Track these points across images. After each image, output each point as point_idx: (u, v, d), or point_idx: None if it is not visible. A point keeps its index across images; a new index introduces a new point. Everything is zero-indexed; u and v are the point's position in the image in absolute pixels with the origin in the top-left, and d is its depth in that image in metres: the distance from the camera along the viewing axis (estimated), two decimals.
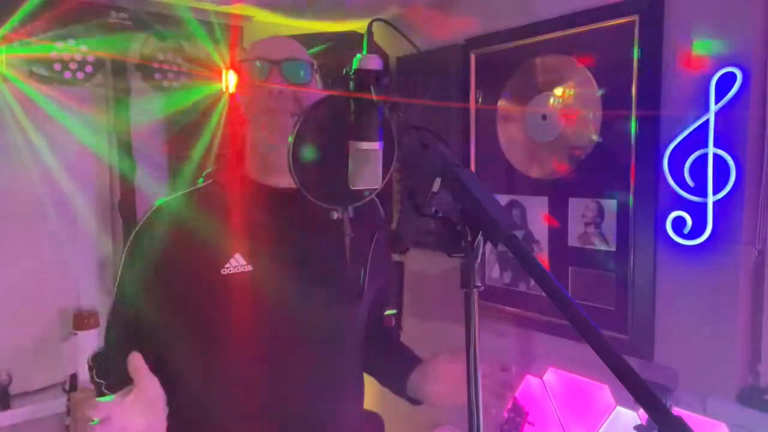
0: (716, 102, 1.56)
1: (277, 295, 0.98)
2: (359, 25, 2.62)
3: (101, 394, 0.99)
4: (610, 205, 1.85)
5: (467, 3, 2.31)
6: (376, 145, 0.77)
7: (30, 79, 2.06)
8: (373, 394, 2.38)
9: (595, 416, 1.88)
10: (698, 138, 1.61)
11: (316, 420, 1.05)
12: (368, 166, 0.77)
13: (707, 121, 1.59)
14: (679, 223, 1.67)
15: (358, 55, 0.77)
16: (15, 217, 2.13)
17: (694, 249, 1.65)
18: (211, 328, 0.97)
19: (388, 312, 1.34)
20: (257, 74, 0.98)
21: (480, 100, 2.26)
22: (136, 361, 0.82)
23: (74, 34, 2.07)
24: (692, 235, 1.64)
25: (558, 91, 1.98)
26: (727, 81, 1.55)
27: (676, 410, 1.66)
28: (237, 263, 0.96)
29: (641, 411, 1.65)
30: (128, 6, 2.18)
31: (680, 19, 1.66)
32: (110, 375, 0.99)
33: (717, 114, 1.57)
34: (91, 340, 2.13)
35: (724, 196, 1.57)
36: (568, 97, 1.95)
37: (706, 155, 1.59)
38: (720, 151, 1.57)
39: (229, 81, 2.35)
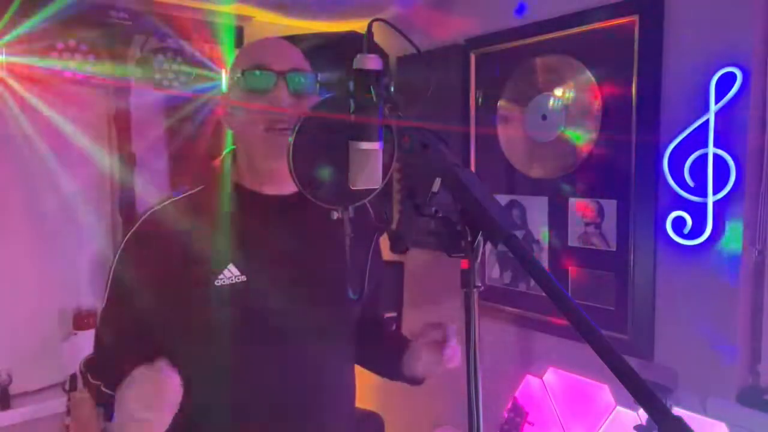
0: (716, 102, 1.56)
1: (273, 303, 0.98)
2: (359, 25, 2.62)
3: (100, 395, 0.99)
4: (610, 205, 1.85)
5: (467, 3, 2.31)
6: (376, 145, 0.77)
7: (30, 79, 2.05)
8: (373, 394, 2.37)
9: (595, 416, 1.88)
10: (698, 138, 1.61)
11: (315, 421, 1.05)
12: (368, 166, 0.77)
13: (707, 121, 1.59)
14: (679, 223, 1.67)
15: (359, 55, 0.77)
16: (15, 217, 2.13)
17: (694, 249, 1.65)
18: (206, 340, 0.97)
19: (388, 315, 1.35)
20: (260, 84, 0.96)
21: (480, 100, 2.26)
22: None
23: (74, 34, 2.06)
24: (692, 235, 1.64)
25: (558, 91, 1.98)
26: (727, 81, 1.55)
27: (676, 410, 1.66)
28: (231, 274, 0.95)
29: (641, 411, 1.65)
30: (128, 6, 2.18)
31: (680, 19, 1.66)
32: (109, 374, 0.97)
33: (717, 114, 1.57)
34: (91, 340, 2.13)
35: (724, 196, 1.57)
36: (568, 97, 1.95)
37: (706, 155, 1.59)
38: (720, 151, 1.57)
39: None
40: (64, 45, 2.05)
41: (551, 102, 2.00)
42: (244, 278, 0.96)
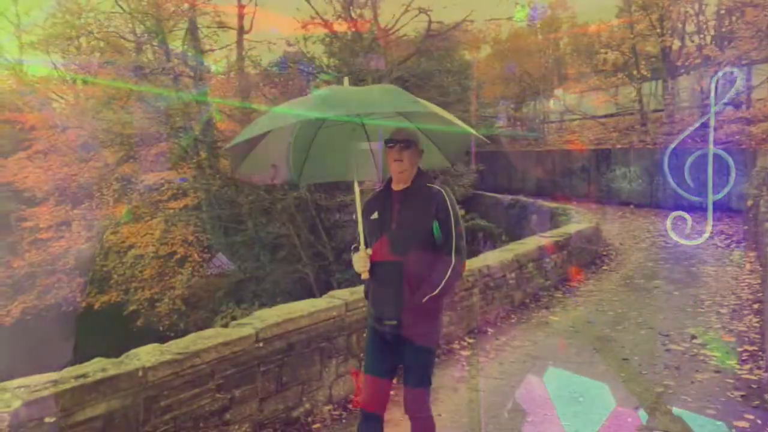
0: (716, 102, 1.56)
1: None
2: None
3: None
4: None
5: None
6: (376, 145, 0.79)
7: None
8: None
9: (595, 416, 1.88)
10: (698, 138, 1.61)
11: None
12: (368, 164, 0.78)
13: (707, 121, 1.59)
14: (678, 223, 1.67)
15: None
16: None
17: (694, 249, 1.65)
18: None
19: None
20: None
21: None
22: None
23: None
24: (692, 235, 1.64)
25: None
26: (727, 81, 1.55)
27: (676, 410, 1.66)
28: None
29: (641, 411, 1.65)
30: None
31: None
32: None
33: (717, 114, 1.57)
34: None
35: (724, 196, 1.57)
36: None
37: (706, 155, 1.59)
38: (720, 151, 1.57)
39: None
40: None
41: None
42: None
